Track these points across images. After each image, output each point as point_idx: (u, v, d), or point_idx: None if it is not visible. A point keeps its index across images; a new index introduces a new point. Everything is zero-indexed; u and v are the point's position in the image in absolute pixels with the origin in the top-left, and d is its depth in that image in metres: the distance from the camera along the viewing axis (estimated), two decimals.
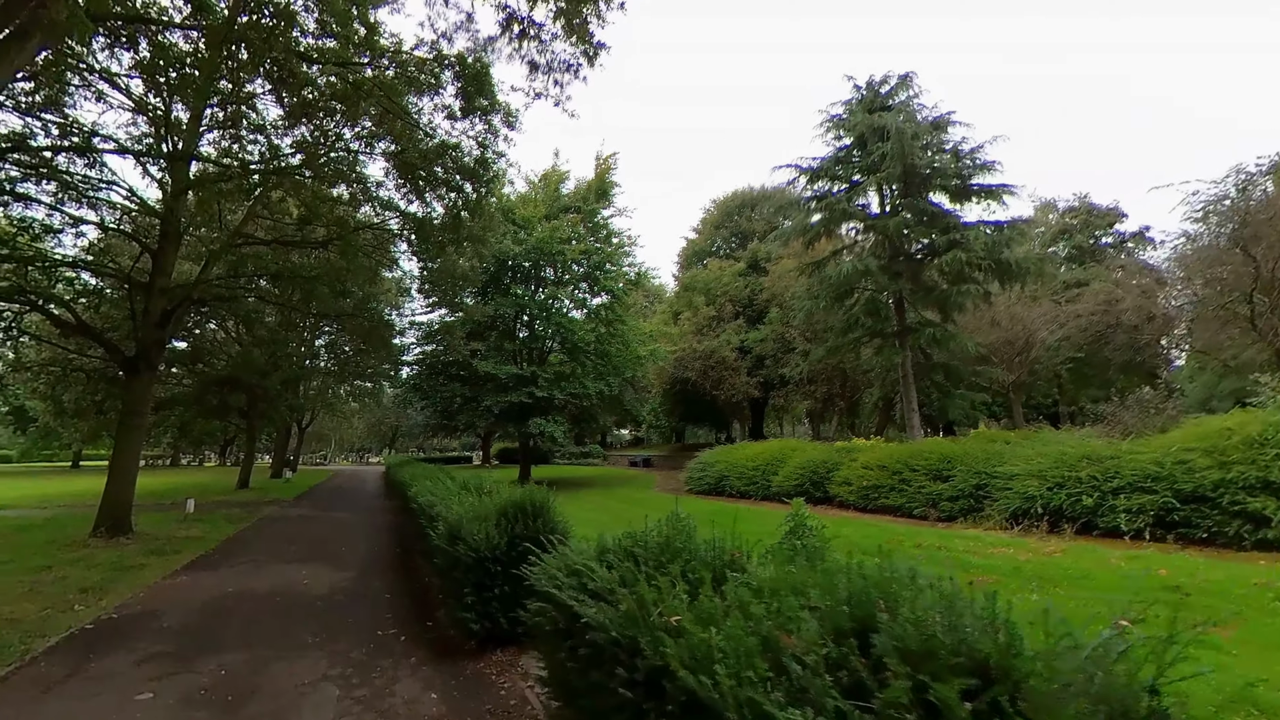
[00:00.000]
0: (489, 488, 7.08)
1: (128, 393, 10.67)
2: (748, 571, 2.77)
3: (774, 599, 2.29)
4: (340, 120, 11.14)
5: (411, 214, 13.29)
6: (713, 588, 2.66)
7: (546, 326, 21.16)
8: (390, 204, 13.64)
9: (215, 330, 21.97)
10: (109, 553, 8.95)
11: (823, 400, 29.19)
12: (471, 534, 4.96)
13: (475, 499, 6.91)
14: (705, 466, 19.65)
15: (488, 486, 7.12)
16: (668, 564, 2.88)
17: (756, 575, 2.75)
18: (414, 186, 12.28)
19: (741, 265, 35.61)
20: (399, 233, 13.87)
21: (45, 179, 11.65)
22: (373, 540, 10.72)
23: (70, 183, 11.85)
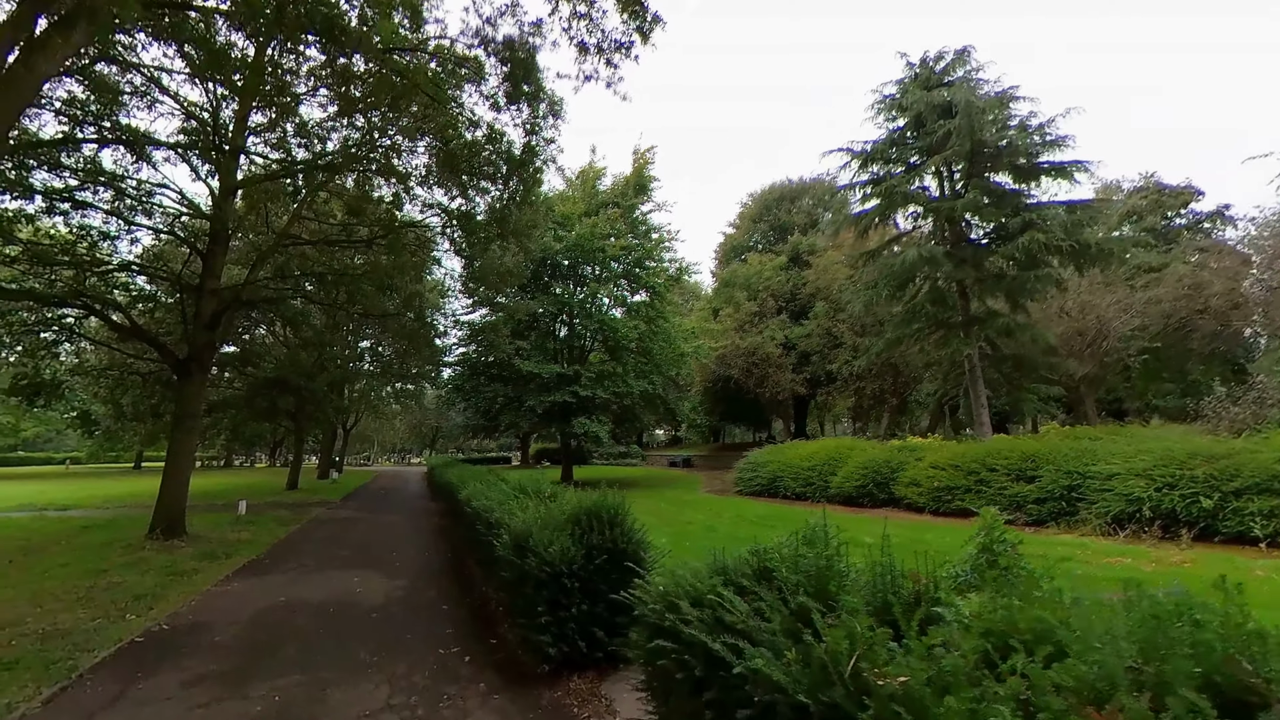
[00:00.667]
0: (549, 491, 6.55)
1: (180, 395, 10.63)
2: (954, 606, 2.10)
3: (1031, 648, 1.61)
4: (385, 115, 10.87)
5: (455, 210, 12.97)
6: (917, 630, 2.00)
7: (587, 325, 20.69)
8: (432, 202, 13.40)
9: (264, 335, 22.32)
10: (163, 556, 8.82)
11: (873, 397, 27.90)
12: (543, 546, 4.40)
13: (535, 503, 6.40)
14: (756, 467, 18.84)
15: (547, 490, 6.59)
16: (835, 594, 2.23)
17: (965, 610, 2.07)
18: (457, 181, 11.94)
19: (783, 259, 34.51)
20: (442, 229, 13.58)
21: (103, 186, 11.79)
22: (422, 544, 10.37)
23: (124, 189, 11.97)
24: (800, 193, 43.82)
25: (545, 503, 6.09)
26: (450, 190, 12.70)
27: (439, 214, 13.65)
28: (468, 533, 8.66)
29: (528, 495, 6.65)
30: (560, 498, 6.04)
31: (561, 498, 6.03)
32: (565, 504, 5.47)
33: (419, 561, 8.77)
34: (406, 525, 12.97)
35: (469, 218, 11.43)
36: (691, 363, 23.16)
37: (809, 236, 38.13)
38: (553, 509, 5.17)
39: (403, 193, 13.01)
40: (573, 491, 5.87)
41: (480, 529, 6.57)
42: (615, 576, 4.60)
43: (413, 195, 12.71)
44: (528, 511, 5.48)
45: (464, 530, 9.49)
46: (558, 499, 5.98)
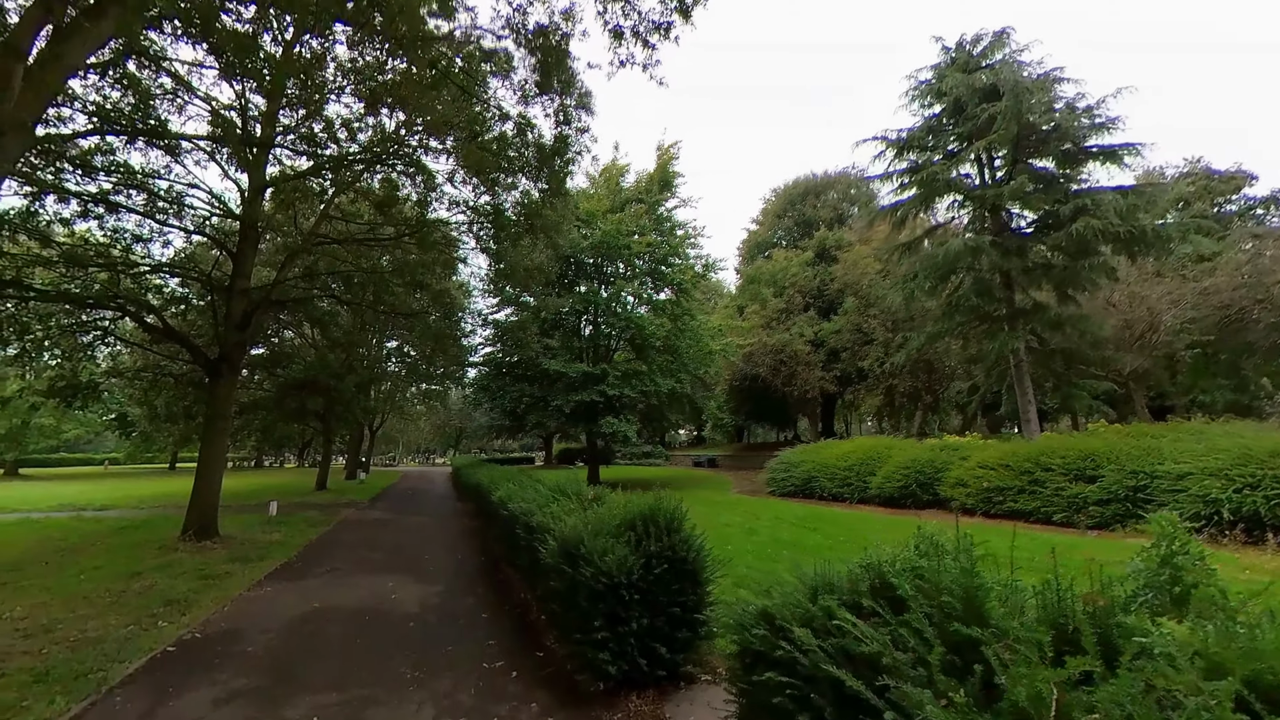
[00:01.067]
0: (591, 494, 6.19)
1: (211, 395, 10.55)
2: (1155, 633, 1.66)
3: None
4: (413, 110, 10.63)
5: (483, 206, 12.73)
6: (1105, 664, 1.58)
7: (613, 323, 20.34)
8: (459, 199, 13.18)
9: (293, 338, 22.46)
10: (196, 558, 8.69)
11: (906, 395, 27.06)
12: (597, 554, 4.03)
13: (577, 506, 6.06)
14: (789, 467, 18.29)
15: (589, 493, 6.23)
16: (992, 617, 1.80)
17: (1170, 638, 1.64)
18: (485, 177, 11.67)
19: (809, 254, 33.77)
20: (469, 226, 13.34)
21: (135, 190, 11.82)
22: (454, 547, 10.12)
23: (156, 191, 11.99)
24: (825, 187, 42.97)
25: (590, 506, 5.73)
26: (478, 187, 12.46)
27: (465, 212, 13.44)
28: (503, 535, 8.36)
29: (568, 497, 6.30)
30: (606, 500, 5.68)
31: (608, 500, 5.66)
32: (614, 507, 5.11)
33: (452, 565, 8.50)
34: (436, 526, 12.76)
35: (499, 213, 11.15)
36: (719, 361, 22.66)
37: (835, 231, 37.31)
38: (603, 513, 4.81)
39: (429, 191, 12.81)
40: (620, 494, 5.50)
41: (520, 533, 6.24)
42: (675, 587, 4.22)
43: (440, 193, 12.49)
44: (574, 516, 5.13)
45: (497, 532, 9.21)
46: (605, 502, 5.62)
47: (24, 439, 36.41)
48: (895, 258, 19.12)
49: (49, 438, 37.91)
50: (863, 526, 11.08)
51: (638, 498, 4.92)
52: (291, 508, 16.04)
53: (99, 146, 11.35)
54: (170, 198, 12.24)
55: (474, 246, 14.55)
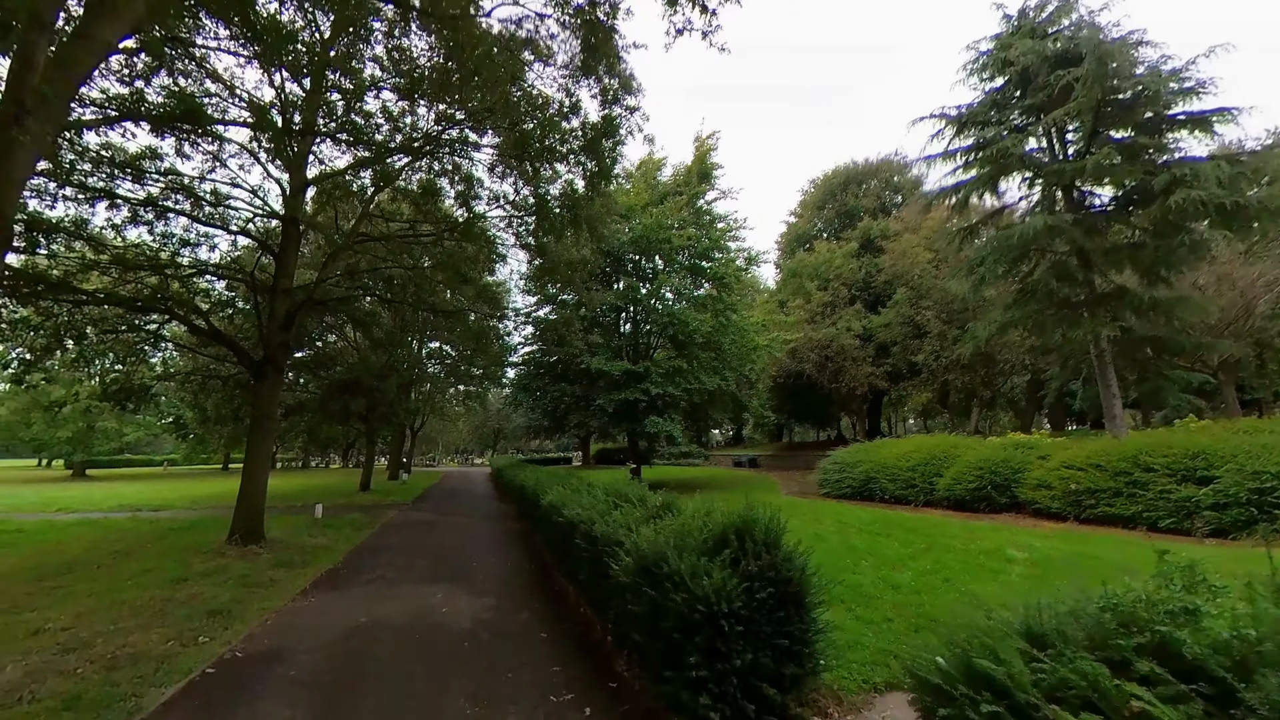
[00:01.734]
0: (660, 500, 5.55)
1: (256, 397, 10.38)
2: None
3: None
4: (455, 98, 10.22)
5: (524, 200, 12.28)
6: None
7: (654, 320, 19.68)
8: (498, 193, 12.77)
9: (336, 340, 22.62)
10: (241, 564, 8.44)
11: (964, 391, 25.56)
12: (688, 575, 3.39)
13: (643, 513, 5.44)
14: (845, 467, 17.31)
15: (656, 499, 5.60)
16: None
17: None
18: (523, 170, 11.18)
19: (853, 245, 32.44)
20: (509, 220, 12.91)
21: (182, 195, 11.82)
22: (502, 552, 9.65)
23: (201, 195, 11.96)
24: (866, 175, 41.40)
25: (661, 514, 5.10)
26: (518, 180, 11.99)
27: (505, 207, 13.02)
28: (555, 543, 7.81)
29: (631, 504, 5.69)
30: (679, 509, 5.04)
31: (681, 509, 5.03)
32: (692, 518, 4.47)
33: (501, 573, 8.00)
34: (481, 529, 12.37)
35: (543, 203, 10.64)
36: (764, 357, 21.77)
37: (880, 220, 35.81)
38: (682, 525, 4.16)
39: (470, 187, 12.42)
40: (696, 499, 4.86)
41: (580, 544, 5.66)
42: (780, 614, 3.54)
43: (480, 185, 12.07)
44: (647, 527, 4.51)
45: (548, 539, 8.68)
46: (677, 510, 4.98)
47: (90, 442, 38.11)
48: (955, 243, 17.88)
49: (112, 440, 39.60)
50: (939, 533, 10.13)
51: (721, 506, 4.28)
52: (337, 509, 15.97)
53: (149, 150, 11.39)
54: (216, 200, 12.22)
55: (514, 243, 14.16)
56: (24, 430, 36.63)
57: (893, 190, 41.20)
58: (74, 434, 36.32)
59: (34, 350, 12.44)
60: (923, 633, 4.89)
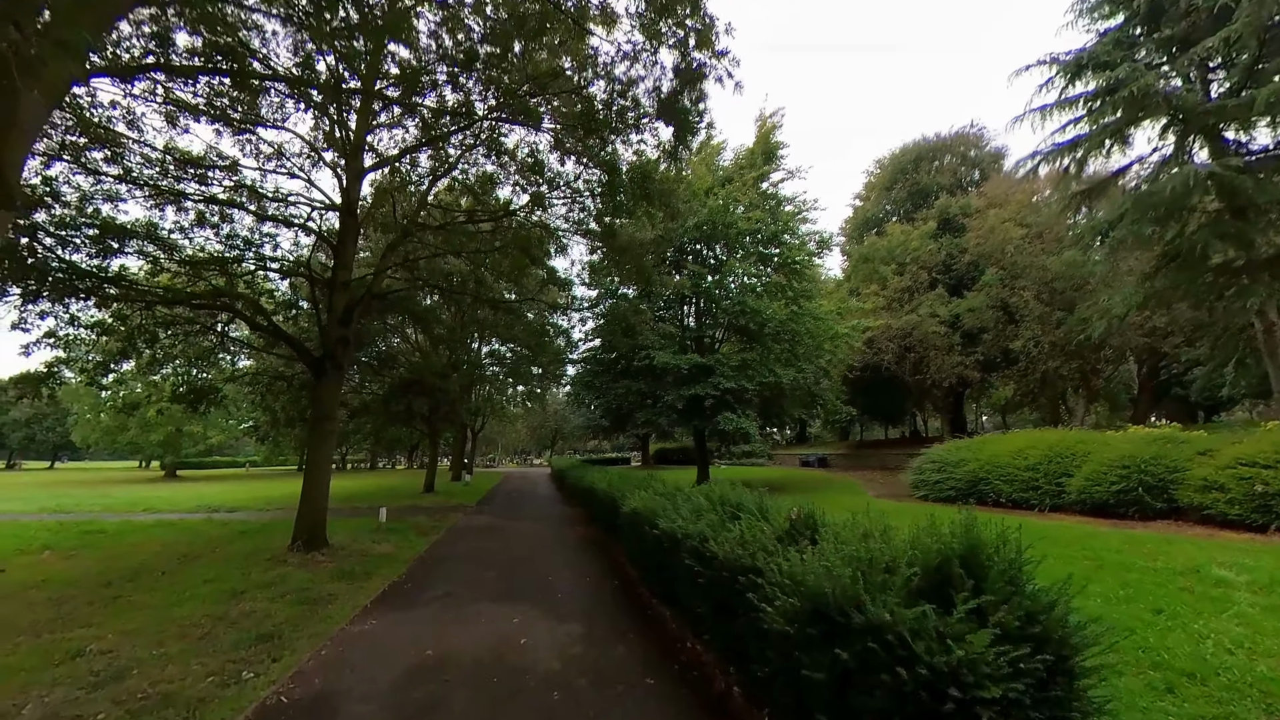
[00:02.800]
0: (795, 512, 4.31)
1: (316, 396, 9.84)
2: None
3: None
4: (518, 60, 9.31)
5: (588, 180, 11.28)
6: None
7: (722, 310, 18.32)
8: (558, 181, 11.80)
9: (398, 342, 22.54)
10: (301, 573, 7.79)
11: (1069, 380, 22.77)
12: (906, 632, 2.16)
13: (769, 527, 4.22)
14: (946, 466, 15.40)
15: (792, 511, 4.36)
16: None
17: None
18: (588, 146, 10.15)
19: (931, 225, 29.88)
20: (573, 203, 11.94)
21: (246, 194, 11.56)
22: (576, 562, 8.63)
23: (264, 192, 11.65)
24: (939, 151, 38.44)
25: (800, 531, 3.88)
26: (582, 159, 10.98)
27: (564, 191, 12.07)
28: (642, 556, 6.71)
29: (755, 516, 4.47)
30: (830, 526, 3.80)
31: (832, 526, 3.79)
32: (867, 539, 3.23)
33: (583, 590, 6.95)
34: (550, 535, 11.45)
35: (613, 172, 9.57)
36: (843, 347, 19.99)
37: (959, 197, 32.99)
38: (873, 550, 2.93)
39: (535, 171, 11.53)
40: (870, 514, 3.63)
41: (689, 564, 4.50)
42: (1055, 694, 2.25)
43: (541, 168, 11.13)
44: (800, 553, 3.30)
45: (630, 550, 7.59)
46: (825, 527, 3.75)
47: (178, 445, 40.38)
48: (1067, 211, 15.63)
49: (198, 444, 41.88)
50: (1099, 546, 8.35)
51: (924, 523, 3.03)
52: (401, 512, 15.53)
53: (211, 149, 11.16)
54: (278, 197, 11.90)
55: (575, 232, 13.20)
56: (122, 435, 39.16)
57: (969, 165, 38.09)
58: (164, 438, 38.52)
59: (109, 354, 12.47)
60: (1185, 696, 3.43)
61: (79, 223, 10.09)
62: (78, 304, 11.12)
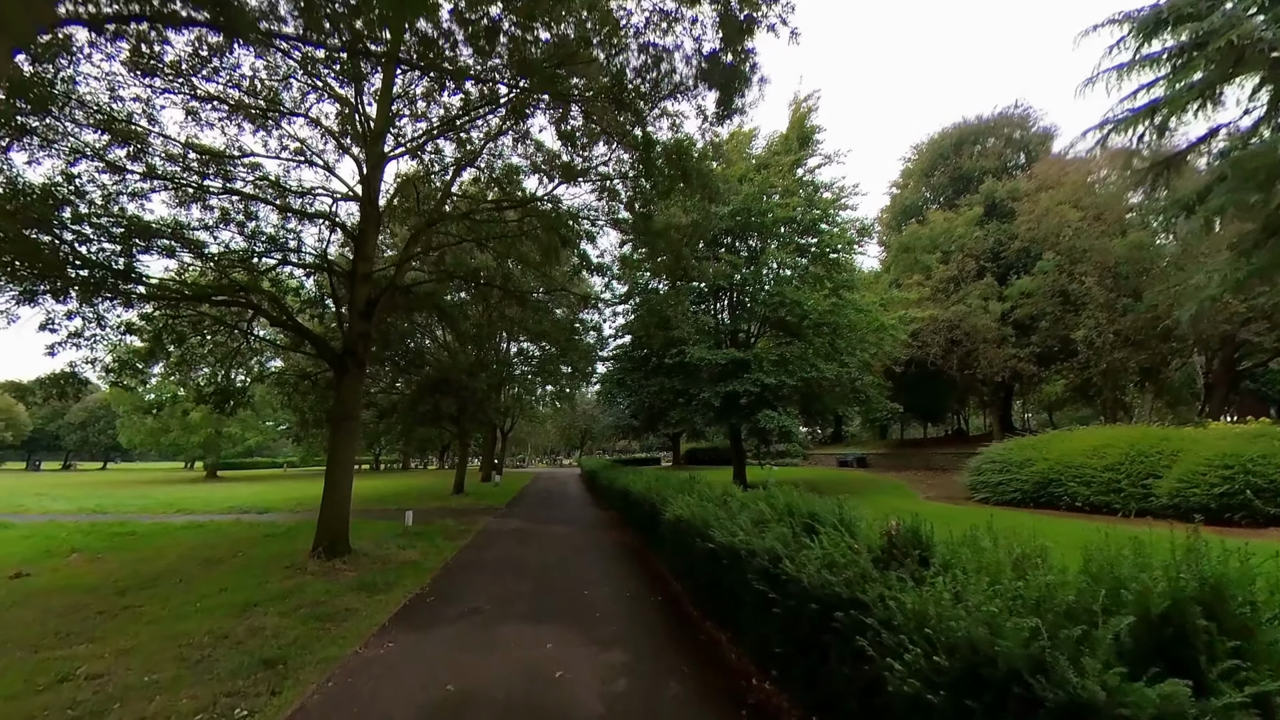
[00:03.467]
0: (894, 524, 3.47)
1: (338, 394, 9.34)
2: None
3: None
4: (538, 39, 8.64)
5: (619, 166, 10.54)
6: None
7: (762, 302, 17.34)
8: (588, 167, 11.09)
9: (425, 340, 22.25)
10: (319, 584, 7.24)
11: (1142, 372, 21.05)
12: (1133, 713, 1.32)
13: (856, 544, 3.42)
14: (1008, 466, 14.19)
15: (891, 523, 3.54)
16: None
17: None
18: (619, 126, 9.40)
19: (977, 210, 28.25)
20: (603, 189, 11.22)
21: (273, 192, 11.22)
22: (615, 574, 7.88)
23: (287, 186, 11.28)
24: (983, 133, 36.54)
25: (903, 550, 3.06)
26: (612, 140, 10.24)
27: (593, 180, 11.35)
28: (687, 569, 5.93)
29: (840, 531, 3.63)
30: (938, 543, 2.99)
31: (960, 541, 2.98)
32: (1020, 562, 2.40)
33: (622, 606, 6.20)
34: (584, 541, 10.75)
35: (648, 147, 8.77)
36: (889, 339, 18.80)
37: (1005, 181, 31.20)
38: (1042, 587, 2.11)
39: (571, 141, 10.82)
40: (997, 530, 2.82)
41: (756, 584, 3.70)
42: None
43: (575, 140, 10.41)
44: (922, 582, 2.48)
45: (673, 562, 6.81)
46: (928, 547, 2.93)
47: (218, 446, 41.24)
48: (1145, 184, 14.22)
49: (237, 445, 42.70)
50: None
51: None
52: (430, 514, 15.07)
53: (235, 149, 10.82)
54: (301, 190, 11.53)
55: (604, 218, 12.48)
56: (164, 437, 40.16)
57: (1014, 148, 36.08)
58: (204, 439, 39.35)
59: (137, 354, 12.26)
60: None
61: (104, 222, 9.78)
62: (104, 304, 10.89)
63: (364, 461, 65.21)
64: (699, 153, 9.33)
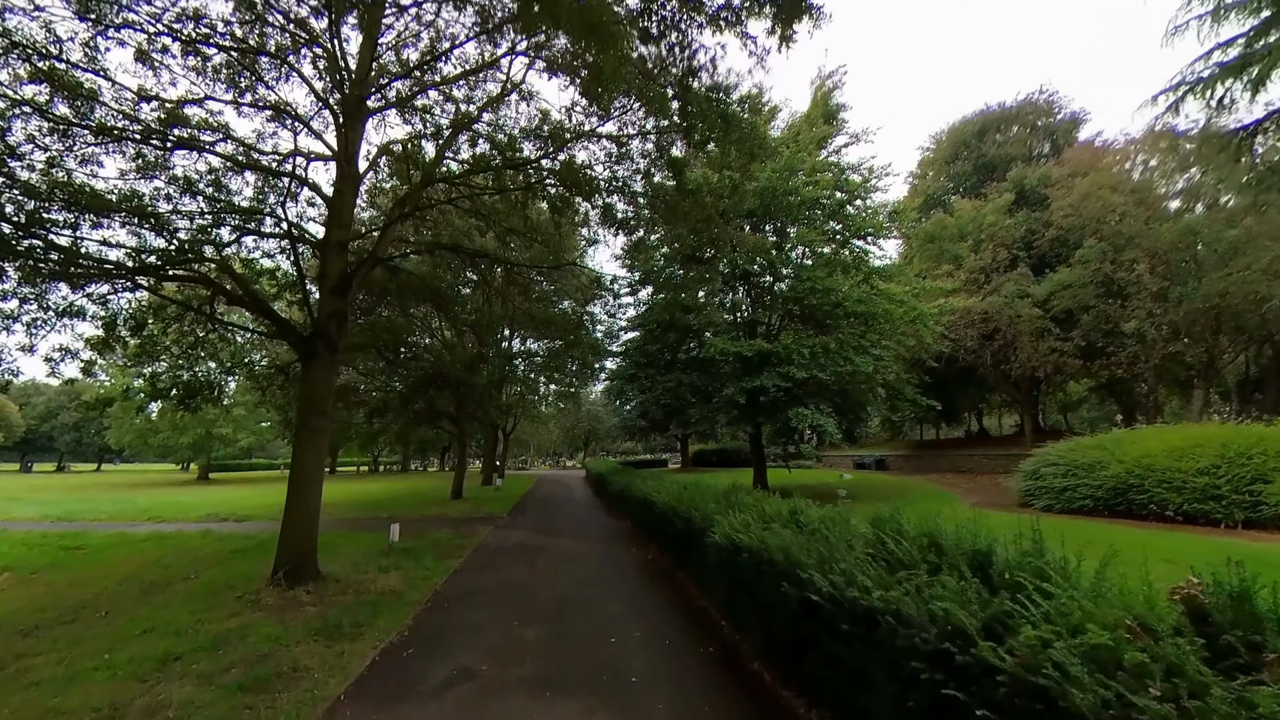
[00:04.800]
0: (1191, 586, 1.87)
1: (304, 385, 7.76)
2: None
3: None
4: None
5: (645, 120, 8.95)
6: None
7: (794, 288, 15.73)
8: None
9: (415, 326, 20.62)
10: (269, 625, 5.65)
11: (1200, 366, 19.36)
12: None
13: (1121, 617, 1.76)
14: (1074, 469, 12.54)
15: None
16: None
17: None
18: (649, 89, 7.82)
19: (1008, 197, 26.62)
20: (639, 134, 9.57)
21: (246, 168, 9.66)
22: (645, 608, 6.27)
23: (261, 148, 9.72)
24: (1005, 121, 34.94)
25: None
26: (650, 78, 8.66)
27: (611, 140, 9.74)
28: (756, 613, 4.30)
29: (1060, 588, 2.04)
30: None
31: None
32: None
33: (666, 663, 4.59)
34: (601, 560, 9.13)
35: (689, 75, 7.18)
36: (928, 331, 17.16)
37: (1036, 168, 29.57)
38: None
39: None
40: None
41: (922, 672, 2.14)
42: None
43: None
44: None
45: (722, 591, 5.19)
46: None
47: (209, 447, 39.68)
48: (1230, 153, 12.63)
49: (229, 445, 41.08)
50: None
51: None
52: (423, 524, 13.49)
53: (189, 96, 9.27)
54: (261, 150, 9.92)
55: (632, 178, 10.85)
56: (153, 437, 38.65)
57: (1040, 135, 34.48)
58: (194, 440, 37.81)
59: (89, 344, 10.66)
60: None
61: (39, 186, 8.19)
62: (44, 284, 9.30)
63: (362, 464, 63.56)
64: (744, 97, 7.75)
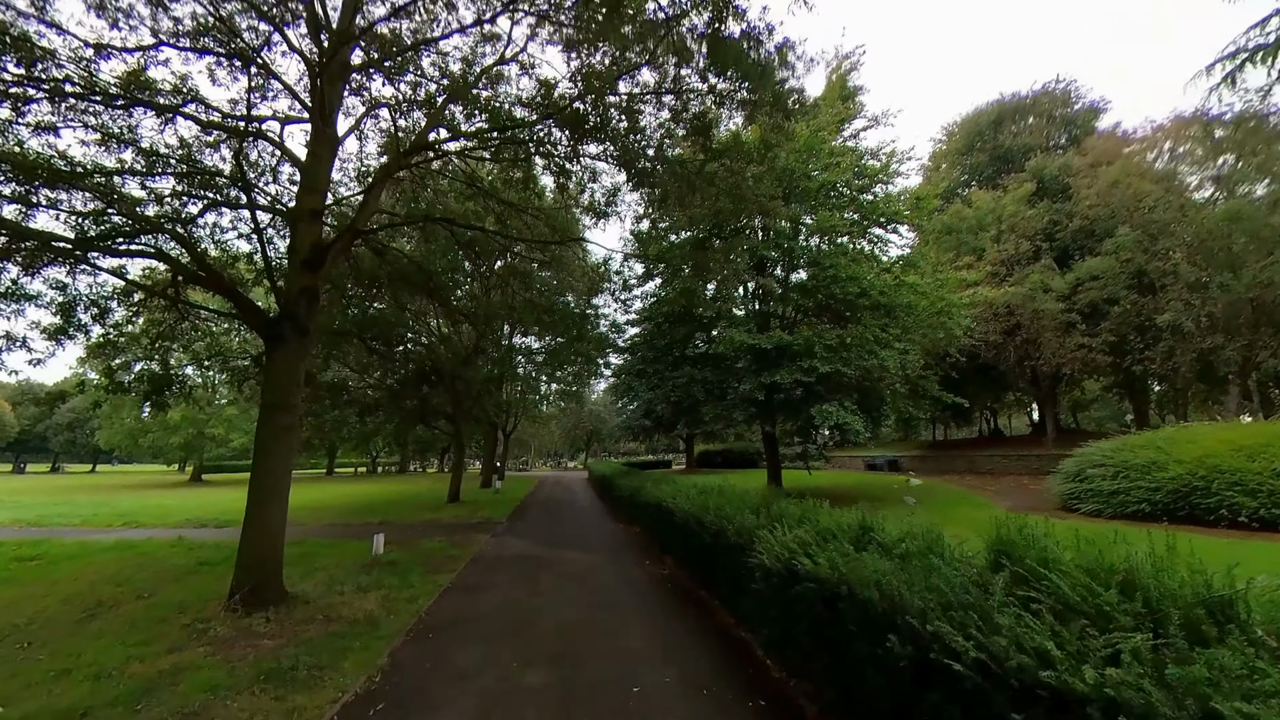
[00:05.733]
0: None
1: (269, 373, 6.67)
2: None
3: None
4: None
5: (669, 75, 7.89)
6: None
7: (817, 277, 14.64)
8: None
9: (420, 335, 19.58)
10: (212, 667, 4.57)
11: (1241, 362, 18.27)
12: None
13: None
14: (1126, 470, 11.44)
15: None
16: None
17: None
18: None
19: (1029, 187, 25.57)
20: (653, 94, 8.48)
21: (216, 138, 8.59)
22: (671, 641, 5.18)
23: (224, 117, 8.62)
24: (1021, 111, 34.00)
25: None
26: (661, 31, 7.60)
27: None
28: (824, 657, 3.20)
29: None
30: None
31: None
32: None
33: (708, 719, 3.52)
34: (612, 577, 8.04)
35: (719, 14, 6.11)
36: (955, 323, 16.07)
37: (1055, 158, 28.52)
38: None
39: None
40: None
41: None
42: None
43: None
44: None
45: (781, 633, 4.08)
46: None
47: (202, 448, 38.57)
48: (1243, 148, 11.59)
49: (221, 446, 39.93)
50: None
51: None
52: (415, 530, 12.42)
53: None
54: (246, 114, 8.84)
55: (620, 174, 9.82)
56: (143, 438, 37.57)
57: (1057, 125, 33.44)
58: (186, 440, 36.73)
59: (45, 331, 9.59)
60: None
61: None
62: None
63: (360, 465, 62.35)
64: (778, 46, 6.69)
